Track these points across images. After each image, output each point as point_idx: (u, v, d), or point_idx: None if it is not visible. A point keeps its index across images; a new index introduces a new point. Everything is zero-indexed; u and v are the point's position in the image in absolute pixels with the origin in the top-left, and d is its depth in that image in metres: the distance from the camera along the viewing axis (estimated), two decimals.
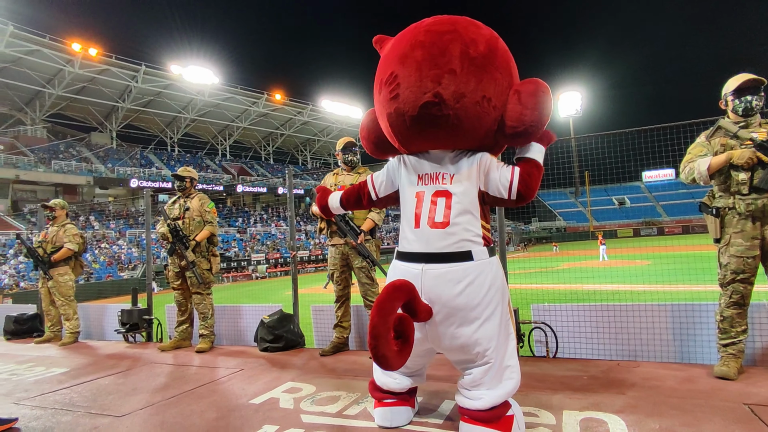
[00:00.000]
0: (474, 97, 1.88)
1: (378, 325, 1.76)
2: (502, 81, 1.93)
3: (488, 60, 1.90)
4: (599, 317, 3.37)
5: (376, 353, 1.77)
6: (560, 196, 61.47)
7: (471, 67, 1.86)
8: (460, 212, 2.00)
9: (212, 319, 4.49)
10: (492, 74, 1.90)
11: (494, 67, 1.91)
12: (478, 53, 1.88)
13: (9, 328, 5.91)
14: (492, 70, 1.90)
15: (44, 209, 5.57)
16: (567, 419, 2.21)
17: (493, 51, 1.92)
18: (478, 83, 1.87)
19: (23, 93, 35.28)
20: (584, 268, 13.68)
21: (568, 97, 62.96)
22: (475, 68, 1.87)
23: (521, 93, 1.94)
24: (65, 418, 2.68)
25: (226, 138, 48.64)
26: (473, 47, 1.88)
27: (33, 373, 3.90)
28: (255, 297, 16.07)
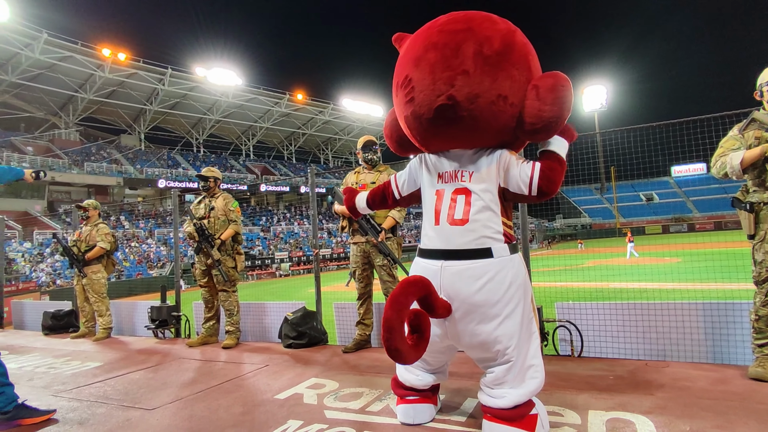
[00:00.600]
0: (489, 97, 1.85)
1: (391, 319, 1.76)
2: (519, 77, 1.89)
3: (503, 57, 1.86)
4: (626, 316, 3.29)
5: (389, 346, 1.77)
6: (585, 193, 60.15)
7: (485, 66, 1.84)
8: (480, 209, 1.99)
9: (238, 316, 4.58)
10: (508, 71, 1.87)
11: (510, 64, 1.87)
12: (493, 51, 1.85)
13: (47, 324, 6.18)
14: (508, 67, 1.87)
15: (78, 210, 5.79)
16: (593, 419, 2.17)
17: (509, 47, 1.89)
18: (492, 82, 1.85)
19: (57, 98, 36.72)
20: (610, 266, 13.34)
21: (592, 92, 61.57)
22: (489, 67, 1.84)
23: (540, 88, 1.89)
24: (99, 410, 2.79)
25: (249, 138, 49.45)
26: (487, 45, 1.85)
27: (69, 366, 4.06)
28: (279, 294, 16.31)
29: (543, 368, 2.02)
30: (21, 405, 2.61)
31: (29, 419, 2.59)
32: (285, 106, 45.78)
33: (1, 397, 2.56)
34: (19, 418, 2.58)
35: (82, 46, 32.74)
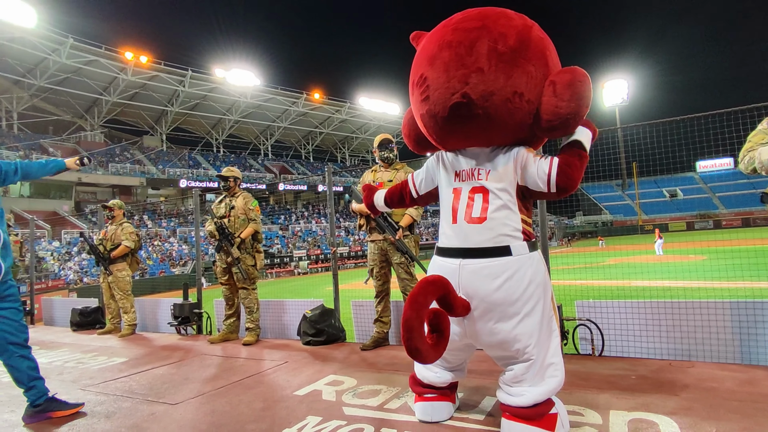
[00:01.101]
0: (504, 95, 1.84)
1: (411, 318, 1.76)
2: (535, 73, 1.87)
3: (519, 53, 1.84)
4: (649, 314, 3.23)
5: (409, 346, 1.77)
6: (606, 189, 58.93)
7: (500, 63, 1.82)
8: (498, 207, 1.98)
9: (257, 313, 4.65)
10: (524, 68, 1.84)
11: (526, 60, 1.85)
12: (508, 47, 1.83)
13: (75, 320, 6.38)
14: (523, 64, 1.84)
15: (104, 209, 5.96)
16: (614, 419, 2.14)
17: (524, 43, 1.86)
18: (507, 79, 1.83)
19: (83, 101, 37.82)
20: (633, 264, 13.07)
21: (613, 86, 60.25)
22: (504, 64, 1.82)
23: (557, 84, 1.87)
24: (125, 404, 2.87)
25: (267, 138, 50.02)
26: (502, 42, 1.83)
27: (97, 362, 4.19)
28: (297, 292, 16.48)
29: (563, 367, 2.00)
30: (51, 398, 2.71)
31: (59, 412, 2.69)
32: (302, 106, 46.17)
33: (33, 391, 2.65)
34: (50, 411, 2.67)
35: (105, 50, 33.63)
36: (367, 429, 2.20)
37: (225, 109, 44.04)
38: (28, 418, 2.64)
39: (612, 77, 61.13)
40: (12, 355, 2.60)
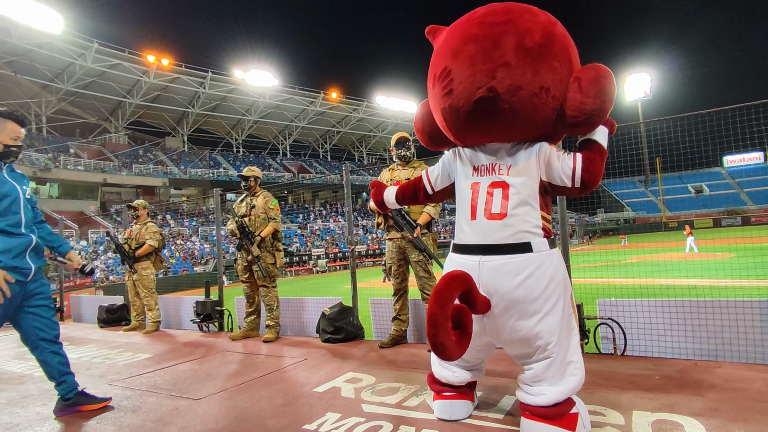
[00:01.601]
0: (531, 89, 1.82)
1: (436, 314, 1.76)
2: (560, 69, 1.85)
3: (545, 49, 1.83)
4: (674, 313, 3.15)
5: (435, 342, 1.77)
6: (628, 185, 57.62)
7: (527, 58, 1.81)
8: (518, 203, 1.96)
9: (278, 311, 4.71)
10: (550, 63, 1.83)
11: (552, 56, 1.84)
12: (534, 43, 1.82)
13: (102, 317, 6.58)
14: (549, 59, 1.83)
15: (129, 209, 6.12)
16: (637, 420, 2.10)
17: (550, 39, 1.85)
18: (534, 74, 1.81)
19: (107, 104, 38.88)
20: (656, 262, 12.75)
21: (635, 80, 58.81)
22: (531, 59, 1.81)
23: (582, 80, 1.85)
24: (150, 399, 2.95)
25: (286, 137, 50.53)
26: (529, 37, 1.82)
27: (123, 357, 4.31)
28: (316, 290, 16.63)
29: (583, 366, 1.97)
30: (81, 392, 2.80)
31: (88, 406, 2.78)
32: (320, 105, 46.49)
33: (64, 385, 2.75)
34: (79, 404, 2.77)
35: (128, 54, 34.50)
36: (386, 426, 2.21)
37: (244, 110, 44.67)
38: (59, 411, 2.74)
39: (634, 71, 59.69)
40: (43, 351, 2.70)
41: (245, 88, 41.39)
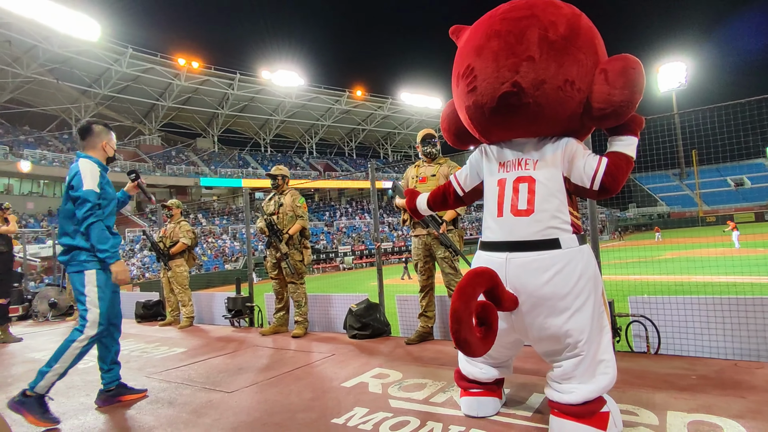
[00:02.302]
0: (555, 83, 1.79)
1: (459, 310, 1.75)
2: (586, 61, 1.82)
3: (570, 41, 1.80)
4: (711, 311, 3.03)
5: (458, 337, 1.76)
6: (662, 179, 55.52)
7: (551, 51, 1.78)
8: (546, 198, 1.92)
9: (306, 307, 4.79)
10: (575, 56, 1.80)
11: (577, 48, 1.80)
12: (559, 36, 1.79)
13: (139, 313, 6.85)
14: (574, 52, 1.80)
15: (164, 209, 6.33)
16: (672, 420, 2.04)
17: (575, 31, 1.82)
18: (559, 67, 1.78)
19: (141, 107, 40.30)
20: (693, 258, 12.23)
21: (669, 69, 56.51)
22: (555, 52, 1.78)
23: (608, 72, 1.81)
24: (185, 391, 3.06)
25: (312, 136, 51.10)
26: (552, 30, 1.79)
27: (159, 351, 4.48)
28: (343, 287, 16.78)
29: (615, 364, 1.93)
30: (122, 384, 2.95)
31: (128, 396, 2.94)
32: (345, 104, 46.79)
33: (111, 373, 2.93)
34: (120, 395, 2.93)
35: (161, 58, 35.63)
36: (413, 422, 2.23)
37: (271, 110, 45.42)
38: (101, 402, 2.88)
39: (668, 60, 57.40)
40: (110, 335, 2.92)
41: (272, 88, 42.09)
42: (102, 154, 2.96)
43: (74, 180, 2.73)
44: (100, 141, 2.96)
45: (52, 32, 29.92)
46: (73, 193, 2.71)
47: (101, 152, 2.96)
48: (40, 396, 2.58)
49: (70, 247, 2.76)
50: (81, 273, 2.75)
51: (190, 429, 2.37)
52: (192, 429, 2.37)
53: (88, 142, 2.92)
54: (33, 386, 2.57)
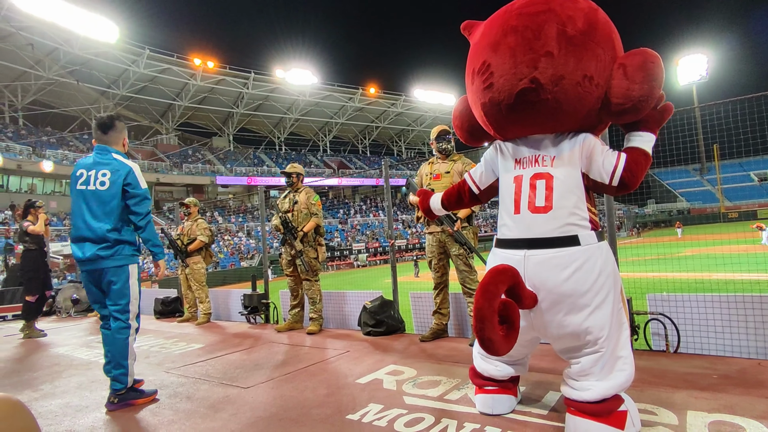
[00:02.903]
0: (574, 78, 1.77)
1: (483, 308, 1.74)
2: (604, 56, 1.80)
3: (588, 36, 1.78)
4: (733, 309, 2.96)
5: (482, 336, 1.75)
6: (681, 174, 54.27)
7: (570, 46, 1.76)
8: (564, 195, 1.91)
9: (320, 304, 4.83)
10: (593, 51, 1.78)
11: (595, 43, 1.78)
12: (577, 30, 1.77)
13: (158, 309, 6.98)
14: (593, 47, 1.78)
15: (182, 207, 6.43)
16: (692, 420, 2.01)
17: (593, 26, 1.79)
18: (578, 62, 1.77)
19: (159, 107, 40.97)
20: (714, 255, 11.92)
21: (689, 62, 55.13)
22: (574, 47, 1.76)
23: (627, 66, 1.79)
24: (203, 386, 3.11)
25: (326, 134, 51.31)
26: (571, 25, 1.77)
27: (177, 347, 4.56)
28: (357, 284, 16.84)
29: (632, 361, 1.90)
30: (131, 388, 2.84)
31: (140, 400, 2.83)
32: (358, 101, 46.85)
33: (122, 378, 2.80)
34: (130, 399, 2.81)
35: (177, 58, 36.14)
36: (428, 419, 2.23)
37: (285, 108, 45.73)
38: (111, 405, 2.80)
39: (688, 52, 56.00)
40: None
41: (286, 87, 42.36)
42: (123, 150, 2.99)
43: (129, 177, 2.81)
44: (122, 137, 2.99)
45: (72, 35, 30.58)
46: (133, 191, 2.80)
47: (122, 148, 2.99)
48: (132, 386, 2.83)
49: (117, 242, 2.79)
50: (125, 267, 2.82)
51: (208, 423, 2.42)
52: (210, 423, 2.41)
53: (111, 137, 2.93)
54: (123, 386, 2.76)
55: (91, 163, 2.86)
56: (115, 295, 2.80)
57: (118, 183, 2.79)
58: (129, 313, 2.83)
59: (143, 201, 2.83)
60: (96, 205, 2.79)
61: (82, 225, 2.79)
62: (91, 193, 2.80)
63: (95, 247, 2.76)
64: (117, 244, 2.79)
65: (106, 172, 2.81)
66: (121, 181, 2.79)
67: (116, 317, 2.80)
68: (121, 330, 2.79)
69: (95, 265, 2.78)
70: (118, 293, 2.80)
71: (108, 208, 2.78)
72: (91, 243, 2.77)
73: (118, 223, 2.80)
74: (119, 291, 2.80)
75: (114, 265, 2.79)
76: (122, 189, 2.80)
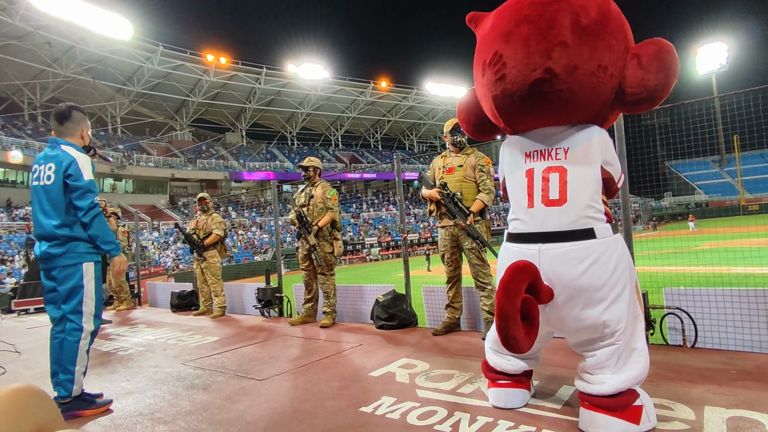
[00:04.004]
0: (589, 68, 1.76)
1: (506, 307, 1.73)
2: (617, 47, 1.79)
3: (601, 26, 1.77)
4: (753, 303, 2.90)
5: (506, 335, 1.74)
6: (700, 166, 53.10)
7: (584, 36, 1.75)
8: (579, 188, 1.89)
9: (334, 298, 4.86)
10: (606, 41, 1.77)
11: (608, 33, 1.78)
12: (591, 20, 1.76)
13: (174, 302, 7.10)
14: (606, 37, 1.77)
15: (200, 202, 6.50)
16: (709, 416, 1.98)
17: (606, 16, 1.78)
18: (592, 52, 1.75)
19: (173, 103, 41.41)
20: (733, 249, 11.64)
21: (709, 50, 53.73)
22: (588, 37, 1.75)
23: (642, 56, 1.78)
24: (219, 378, 3.16)
25: (337, 129, 51.35)
26: (584, 15, 1.76)
27: (194, 340, 4.64)
28: (369, 278, 16.90)
29: (647, 354, 1.89)
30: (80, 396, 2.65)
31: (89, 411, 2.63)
32: (370, 95, 46.73)
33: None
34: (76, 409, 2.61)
35: (190, 55, 36.44)
36: (441, 412, 2.24)
37: (297, 103, 45.85)
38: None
39: (707, 41, 54.57)
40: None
41: (298, 81, 42.45)
42: (80, 142, 2.77)
43: (71, 168, 2.60)
44: (80, 128, 2.78)
45: (88, 33, 31.02)
46: (73, 183, 2.58)
47: (80, 140, 2.77)
48: (78, 395, 2.62)
49: (68, 238, 2.61)
50: (78, 265, 2.63)
51: (224, 415, 2.46)
52: (226, 415, 2.46)
53: (67, 128, 2.74)
54: (67, 393, 2.56)
55: (43, 157, 2.70)
56: (66, 295, 2.62)
57: (59, 175, 2.60)
58: (81, 314, 2.62)
59: (86, 194, 2.59)
60: (45, 200, 2.64)
61: (36, 222, 2.67)
62: (41, 189, 2.65)
63: (46, 244, 2.62)
64: (69, 241, 2.61)
65: (52, 165, 2.63)
66: (62, 173, 2.60)
67: (68, 318, 2.62)
68: (72, 332, 2.60)
69: (47, 263, 2.64)
70: (69, 292, 2.62)
71: (54, 204, 2.62)
72: (44, 240, 2.63)
73: (67, 218, 2.62)
74: (70, 290, 2.62)
75: (65, 264, 2.61)
76: (63, 182, 2.61)
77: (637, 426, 1.83)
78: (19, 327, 6.45)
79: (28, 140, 30.72)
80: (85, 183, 2.60)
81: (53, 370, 2.61)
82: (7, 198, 28.54)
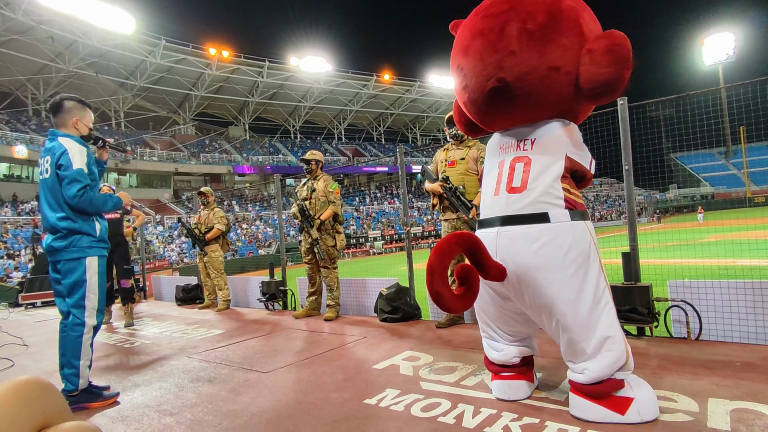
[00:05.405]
0: (540, 72, 1.86)
1: (433, 263, 1.84)
2: (570, 44, 1.85)
3: (549, 29, 1.84)
4: (758, 296, 2.89)
5: (431, 289, 1.83)
6: (705, 158, 52.67)
7: (530, 42, 1.84)
8: (539, 175, 1.98)
9: (338, 291, 4.87)
10: (556, 42, 1.84)
11: (558, 34, 1.84)
12: (537, 25, 1.84)
13: (179, 296, 7.15)
14: (556, 38, 1.84)
15: (200, 196, 6.52)
16: (713, 408, 1.98)
17: (555, 17, 1.85)
18: (541, 56, 1.85)
19: (176, 97, 41.41)
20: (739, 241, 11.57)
21: (715, 41, 53.10)
22: (535, 42, 1.84)
23: (593, 51, 1.83)
24: (224, 371, 3.19)
25: (340, 122, 51.23)
26: (531, 21, 1.84)
27: (198, 333, 4.68)
28: (373, 271, 16.92)
29: (622, 341, 1.89)
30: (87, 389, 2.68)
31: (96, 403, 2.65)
32: (372, 88, 46.55)
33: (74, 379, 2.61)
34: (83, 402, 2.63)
35: (193, 48, 36.37)
36: (444, 404, 2.25)
37: (300, 96, 45.75)
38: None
39: (714, 31, 53.91)
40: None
41: (300, 75, 42.33)
42: (74, 132, 2.74)
43: (62, 158, 2.56)
44: (71, 118, 2.73)
45: (90, 27, 31.00)
46: (62, 172, 2.55)
47: (72, 130, 2.74)
48: (85, 388, 2.64)
49: (71, 231, 2.60)
50: (82, 260, 2.62)
51: (230, 406, 2.48)
52: (231, 406, 2.48)
53: (59, 119, 2.73)
54: (74, 387, 2.58)
55: (43, 150, 2.69)
56: (69, 289, 2.62)
57: (53, 167, 2.59)
58: (84, 308, 2.62)
59: (71, 183, 2.53)
60: (48, 193, 2.62)
61: (42, 215, 2.69)
62: (43, 182, 2.65)
63: (51, 237, 2.62)
64: (71, 234, 2.60)
65: (48, 158, 2.62)
66: (55, 164, 2.58)
67: (71, 312, 2.63)
68: (74, 327, 2.61)
69: (52, 257, 2.64)
70: (72, 287, 2.62)
71: (55, 196, 2.60)
72: (50, 233, 2.63)
73: (69, 211, 2.60)
74: (73, 284, 2.61)
75: (68, 258, 2.60)
76: (56, 173, 2.58)
77: (622, 416, 1.84)
78: (27, 320, 6.52)
79: (32, 135, 30.84)
80: (71, 172, 2.55)
81: (61, 363, 2.62)
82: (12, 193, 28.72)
